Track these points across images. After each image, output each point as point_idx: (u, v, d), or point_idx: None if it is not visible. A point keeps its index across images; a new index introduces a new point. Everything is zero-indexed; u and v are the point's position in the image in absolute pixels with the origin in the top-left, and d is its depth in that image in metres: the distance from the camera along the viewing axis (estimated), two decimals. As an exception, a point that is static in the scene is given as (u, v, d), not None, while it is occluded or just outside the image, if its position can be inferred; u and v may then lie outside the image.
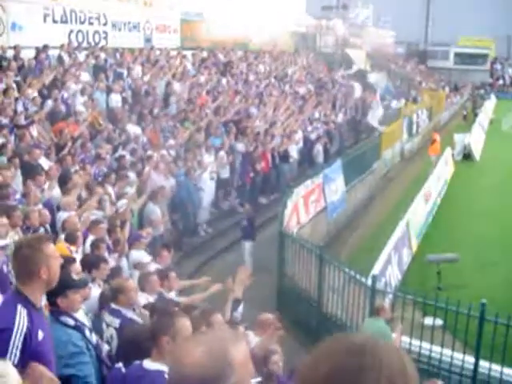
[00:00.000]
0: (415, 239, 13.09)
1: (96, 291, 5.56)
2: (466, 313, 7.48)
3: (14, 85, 11.87)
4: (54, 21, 16.27)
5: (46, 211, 7.56)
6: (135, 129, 12.84)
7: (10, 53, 13.57)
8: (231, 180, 14.62)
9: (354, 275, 8.61)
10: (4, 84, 11.61)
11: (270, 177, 15.85)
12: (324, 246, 10.25)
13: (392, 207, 16.11)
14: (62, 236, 7.00)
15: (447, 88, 44.28)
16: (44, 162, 9.41)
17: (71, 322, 4.00)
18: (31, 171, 8.72)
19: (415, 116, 25.72)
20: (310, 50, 32.67)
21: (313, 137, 18.73)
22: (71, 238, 6.80)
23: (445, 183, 18.77)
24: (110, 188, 9.69)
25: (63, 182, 8.85)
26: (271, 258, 10.84)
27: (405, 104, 27.50)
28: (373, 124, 24.12)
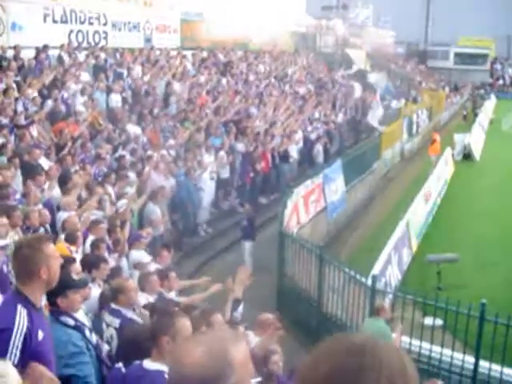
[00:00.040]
0: (415, 239, 13.08)
1: (96, 291, 5.56)
2: (466, 313, 7.48)
3: (14, 85, 11.87)
4: (54, 21, 16.27)
5: (46, 211, 7.55)
6: (135, 129, 12.83)
7: (10, 53, 13.57)
8: (231, 180, 14.62)
9: (354, 275, 8.61)
10: (4, 84, 11.61)
11: (270, 177, 15.84)
12: (324, 246, 10.24)
13: (392, 207, 16.11)
14: (62, 236, 7.00)
15: (447, 88, 44.28)
16: (44, 162, 9.40)
17: (71, 322, 4.00)
18: (31, 171, 8.72)
19: (415, 116, 25.71)
20: (310, 50, 32.67)
21: (313, 137, 18.73)
22: (71, 238, 6.79)
23: (445, 183, 18.77)
24: (110, 188, 9.69)
25: (63, 182, 8.85)
26: (271, 258, 10.84)
27: (405, 104, 27.50)
28: (373, 124, 24.11)
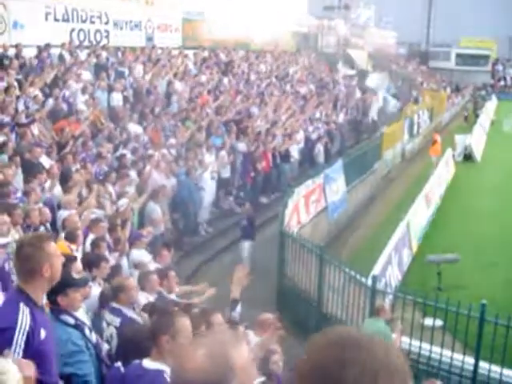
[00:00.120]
0: (415, 240, 13.08)
1: (96, 290, 5.56)
2: (466, 313, 7.47)
3: (16, 83, 11.88)
4: (56, 19, 16.27)
5: (47, 209, 7.56)
6: (136, 128, 12.83)
7: (12, 51, 13.57)
8: (232, 179, 14.62)
9: (354, 275, 8.61)
10: (5, 82, 11.62)
11: (271, 176, 15.84)
12: (324, 246, 10.23)
13: (393, 208, 16.10)
14: (63, 234, 7.00)
15: (448, 89, 44.25)
16: (45, 161, 9.40)
17: (71, 321, 4.01)
18: (32, 169, 8.72)
19: (416, 117, 25.69)
20: (312, 50, 32.67)
21: (314, 137, 18.72)
22: (71, 237, 6.78)
23: (445, 184, 18.76)
24: (111, 187, 9.69)
25: (64, 181, 8.85)
26: (271, 258, 10.83)
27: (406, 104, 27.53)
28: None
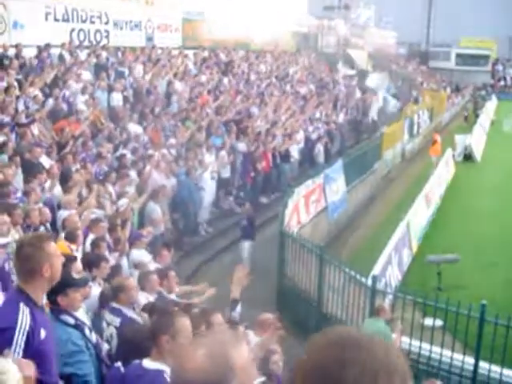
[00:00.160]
0: (415, 240, 13.08)
1: (96, 290, 5.56)
2: (466, 313, 7.47)
3: (16, 83, 11.88)
4: (56, 19, 16.27)
5: (47, 209, 7.55)
6: (136, 128, 12.83)
7: (12, 51, 13.57)
8: (232, 179, 14.62)
9: (354, 275, 8.61)
10: (5, 82, 11.62)
11: (271, 176, 15.84)
12: (324, 246, 10.23)
13: (393, 208, 16.10)
14: (62, 234, 7.00)
15: (448, 89, 44.26)
16: (45, 161, 9.40)
17: (71, 321, 4.01)
18: (32, 169, 8.72)
19: (416, 116, 25.69)
20: (312, 50, 32.66)
21: (314, 137, 18.72)
22: (71, 237, 6.78)
23: (445, 184, 18.75)
24: (111, 187, 9.69)
25: (64, 181, 8.85)
26: (271, 258, 10.83)
27: (406, 105, 27.54)
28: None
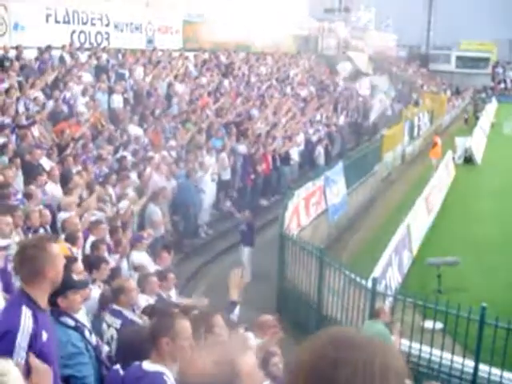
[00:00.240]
0: (416, 243, 13.07)
1: (96, 292, 5.56)
2: (466, 316, 7.46)
3: (16, 85, 11.88)
4: (57, 21, 16.30)
5: (47, 211, 7.55)
6: (137, 130, 12.84)
7: (13, 53, 13.59)
8: (232, 182, 14.61)
9: (355, 278, 8.60)
10: (6, 84, 11.62)
11: (271, 179, 15.84)
12: (325, 249, 10.23)
13: (393, 210, 16.10)
14: (63, 236, 6.99)
15: (449, 91, 44.34)
16: (45, 163, 9.41)
17: (71, 323, 4.00)
18: (32, 171, 8.73)
19: (416, 119, 25.72)
20: (312, 53, 32.68)
21: (314, 139, 18.73)
22: (71, 239, 6.77)
23: (446, 187, 18.75)
24: (111, 189, 9.69)
25: (64, 183, 8.85)
26: (272, 260, 10.82)
27: (406, 107, 27.54)
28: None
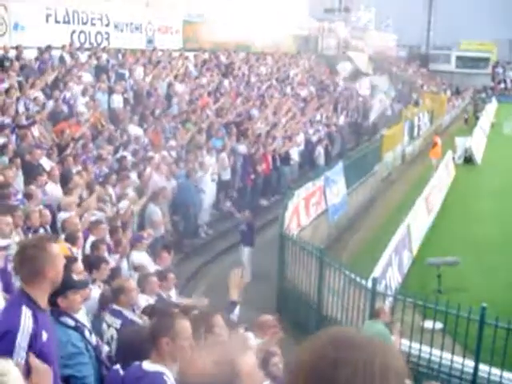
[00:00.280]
0: (416, 243, 13.07)
1: (96, 292, 5.56)
2: (466, 316, 7.46)
3: (16, 85, 11.88)
4: (57, 21, 16.30)
5: (47, 211, 7.55)
6: (137, 130, 12.84)
7: (13, 53, 13.59)
8: (232, 182, 14.61)
9: (355, 278, 8.60)
10: (6, 84, 11.62)
11: (271, 179, 15.84)
12: (325, 249, 10.23)
13: (393, 210, 16.10)
14: (63, 236, 6.99)
15: (449, 91, 44.34)
16: (45, 163, 9.41)
17: (71, 323, 4.00)
18: (32, 171, 8.73)
19: (416, 119, 25.72)
20: (312, 53, 32.68)
21: (314, 139, 18.73)
22: (71, 239, 6.77)
23: (446, 187, 18.75)
24: (111, 189, 9.69)
25: (64, 183, 8.85)
26: (272, 260, 10.82)
27: (406, 107, 27.55)
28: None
